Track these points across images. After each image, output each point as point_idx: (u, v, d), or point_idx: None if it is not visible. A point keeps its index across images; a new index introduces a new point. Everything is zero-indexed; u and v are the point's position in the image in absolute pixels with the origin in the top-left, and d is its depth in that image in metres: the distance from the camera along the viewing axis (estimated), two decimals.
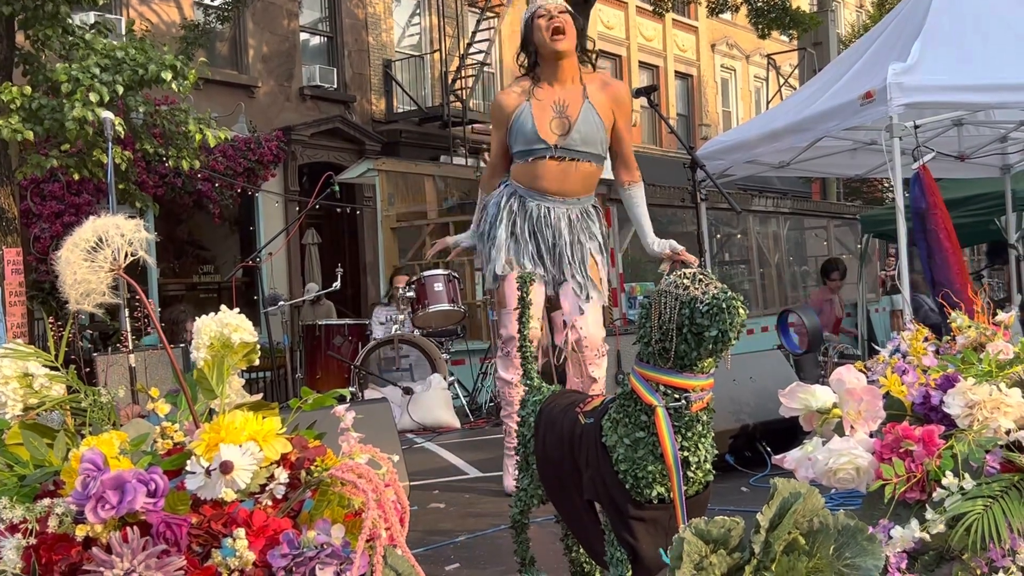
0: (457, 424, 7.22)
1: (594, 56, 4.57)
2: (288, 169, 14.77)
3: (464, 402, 8.05)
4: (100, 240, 2.02)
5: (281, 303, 8.14)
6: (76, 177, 8.72)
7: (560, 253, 4.38)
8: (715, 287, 2.05)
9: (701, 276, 2.07)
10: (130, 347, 4.74)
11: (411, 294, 7.53)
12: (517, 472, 2.78)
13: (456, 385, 7.96)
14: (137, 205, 9.40)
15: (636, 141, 22.65)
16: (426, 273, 7.80)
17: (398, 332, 7.67)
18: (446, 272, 7.95)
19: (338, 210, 14.05)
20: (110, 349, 7.13)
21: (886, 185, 23.20)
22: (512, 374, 4.43)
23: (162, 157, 8.77)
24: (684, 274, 2.09)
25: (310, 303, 10.39)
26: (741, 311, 2.01)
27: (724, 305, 2.00)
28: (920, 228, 5.77)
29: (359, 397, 6.96)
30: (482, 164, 14.04)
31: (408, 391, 7.16)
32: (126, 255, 2.04)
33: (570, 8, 4.41)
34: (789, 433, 4.42)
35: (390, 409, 4.16)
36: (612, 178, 4.69)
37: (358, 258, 15.76)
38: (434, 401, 7.08)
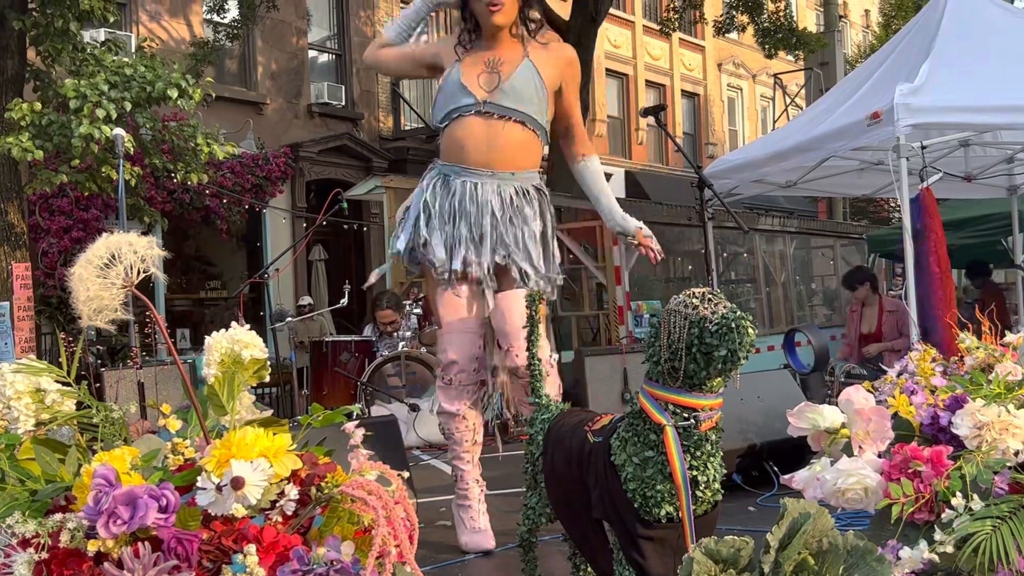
0: None
1: (538, 26, 3.93)
2: (295, 185, 14.83)
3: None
4: (113, 257, 2.04)
5: (288, 319, 8.16)
6: (86, 193, 8.76)
7: (490, 235, 3.71)
8: (724, 307, 2.07)
9: (710, 296, 2.09)
10: (139, 363, 4.76)
11: (418, 311, 7.55)
12: (526, 492, 2.78)
13: None
14: (146, 220, 9.44)
15: (643, 159, 22.69)
16: None
17: (404, 349, 7.69)
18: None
19: (345, 227, 14.09)
20: (120, 364, 7.15)
21: (892, 205, 23.20)
22: (457, 406, 3.88)
23: (170, 172, 8.82)
24: (693, 293, 2.11)
25: (302, 320, 10.31)
26: (750, 331, 2.02)
27: (733, 325, 2.02)
28: (915, 248, 5.79)
29: (366, 414, 6.97)
30: None
31: (414, 408, 7.17)
32: (138, 272, 2.06)
33: None
34: (796, 453, 4.42)
35: (398, 426, 4.16)
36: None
37: (364, 275, 15.78)
38: None
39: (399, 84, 17.07)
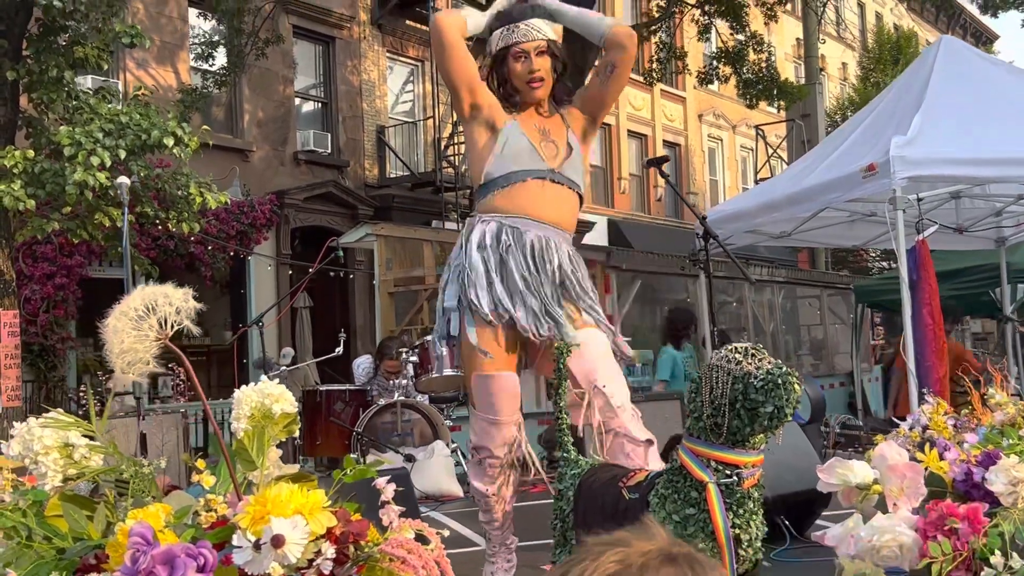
0: (460, 492, 7.10)
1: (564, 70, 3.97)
2: (280, 233, 14.81)
3: (467, 469, 7.93)
4: (148, 309, 2.01)
5: (282, 368, 8.08)
6: (76, 241, 8.70)
7: (564, 287, 3.75)
8: (768, 362, 2.05)
9: (753, 351, 2.07)
10: (142, 413, 4.69)
11: (414, 359, 7.47)
12: (554, 547, 2.73)
13: (459, 452, 7.87)
14: (136, 269, 9.37)
15: (625, 208, 22.83)
16: (429, 338, 7.75)
17: (400, 397, 7.61)
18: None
19: (331, 274, 14.05)
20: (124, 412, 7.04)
21: (873, 255, 23.41)
22: (487, 486, 3.75)
23: (161, 220, 8.77)
24: (736, 348, 2.09)
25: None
26: (796, 387, 2.00)
27: (780, 381, 1.99)
28: (910, 299, 5.84)
29: (361, 464, 6.88)
30: None
31: (410, 458, 7.07)
32: (172, 324, 2.03)
33: (549, 35, 3.85)
34: (806, 506, 4.38)
35: (409, 478, 4.11)
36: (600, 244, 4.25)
37: (349, 322, 15.72)
38: (437, 469, 6.98)
39: (385, 132, 17.13)
